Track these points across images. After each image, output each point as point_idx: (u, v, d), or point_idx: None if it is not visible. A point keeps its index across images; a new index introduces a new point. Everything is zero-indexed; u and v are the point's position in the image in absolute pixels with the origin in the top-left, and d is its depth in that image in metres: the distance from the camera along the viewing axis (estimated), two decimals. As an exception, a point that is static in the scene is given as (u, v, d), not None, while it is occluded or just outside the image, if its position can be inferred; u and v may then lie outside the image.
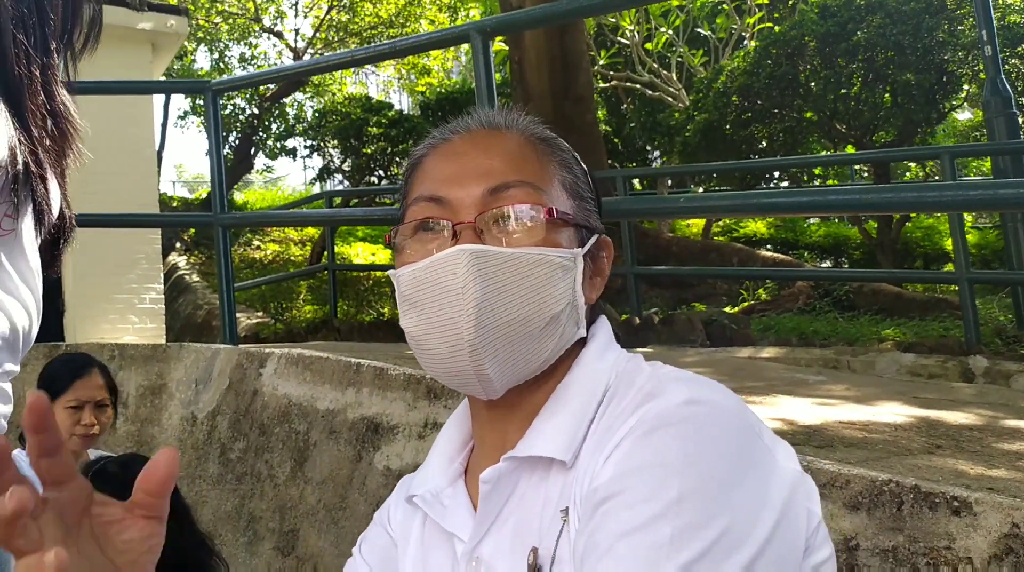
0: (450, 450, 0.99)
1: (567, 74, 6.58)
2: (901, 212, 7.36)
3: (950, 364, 5.05)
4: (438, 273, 0.84)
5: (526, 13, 4.17)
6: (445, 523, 0.91)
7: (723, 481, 0.71)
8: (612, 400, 0.84)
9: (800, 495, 0.76)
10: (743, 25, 12.66)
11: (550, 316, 0.85)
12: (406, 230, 0.91)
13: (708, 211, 4.15)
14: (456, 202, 0.88)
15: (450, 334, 0.84)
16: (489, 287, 0.83)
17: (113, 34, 7.89)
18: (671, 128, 11.34)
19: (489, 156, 0.90)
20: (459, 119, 0.97)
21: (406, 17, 15.39)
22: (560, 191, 0.91)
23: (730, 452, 0.73)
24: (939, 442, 2.67)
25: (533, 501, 0.84)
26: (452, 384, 0.89)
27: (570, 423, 0.84)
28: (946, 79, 8.85)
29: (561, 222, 0.88)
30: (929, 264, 11.23)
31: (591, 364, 0.89)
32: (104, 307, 7.50)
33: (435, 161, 0.93)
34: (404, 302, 0.89)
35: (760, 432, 0.78)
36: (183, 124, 17.78)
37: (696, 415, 0.75)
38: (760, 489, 0.73)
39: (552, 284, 0.85)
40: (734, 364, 5.06)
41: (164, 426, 3.94)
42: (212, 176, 4.77)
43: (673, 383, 0.80)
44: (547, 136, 0.96)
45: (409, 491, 0.98)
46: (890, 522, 1.87)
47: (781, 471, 0.76)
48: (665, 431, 0.74)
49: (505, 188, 0.88)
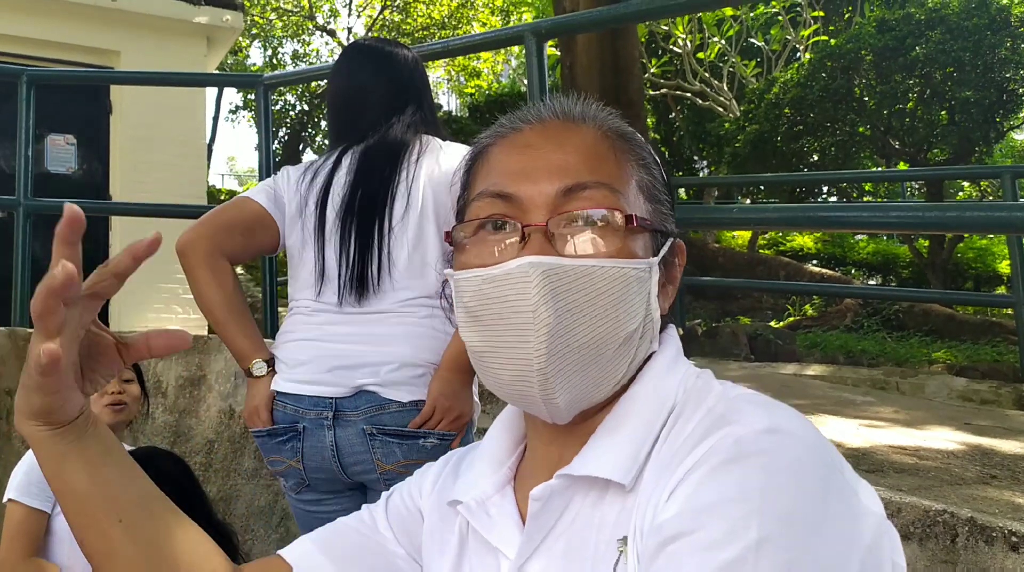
0: (500, 453, 0.91)
1: (618, 79, 6.53)
2: (965, 232, 7.19)
3: (1004, 390, 4.91)
4: (505, 289, 0.77)
5: (581, 16, 4.13)
6: (491, 536, 0.84)
7: (807, 522, 0.63)
8: (678, 420, 0.77)
9: (885, 543, 0.68)
10: (797, 37, 12.50)
11: (625, 335, 0.78)
12: (468, 228, 0.83)
13: (761, 223, 4.07)
14: (527, 201, 0.80)
15: (518, 361, 0.76)
16: (562, 309, 0.75)
17: (169, 27, 8.00)
18: (720, 138, 11.22)
19: (564, 151, 0.81)
20: (530, 107, 0.88)
21: (459, 19, 15.44)
22: (637, 194, 0.83)
23: (815, 489, 0.65)
24: (994, 472, 2.58)
25: (587, 524, 0.77)
26: (515, 405, 0.83)
27: (631, 443, 0.77)
28: (1006, 97, 8.65)
29: (639, 229, 0.80)
30: (980, 286, 10.99)
31: (657, 379, 0.81)
32: (150, 296, 7.58)
33: (503, 152, 0.85)
34: (465, 313, 0.81)
35: (842, 468, 0.70)
36: (235, 119, 18.01)
37: (777, 446, 0.67)
38: (846, 531, 0.65)
39: (628, 300, 0.78)
40: (779, 380, 4.97)
41: (202, 418, 3.95)
42: (260, 169, 4.80)
43: (749, 407, 0.72)
44: (626, 131, 0.87)
45: (452, 495, 0.90)
46: (943, 555, 1.80)
47: (866, 515, 0.68)
48: (743, 463, 0.66)
49: (581, 189, 0.79)
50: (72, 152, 7.64)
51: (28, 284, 4.63)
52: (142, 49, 7.82)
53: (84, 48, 7.72)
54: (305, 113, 14.65)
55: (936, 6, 9.12)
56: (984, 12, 8.50)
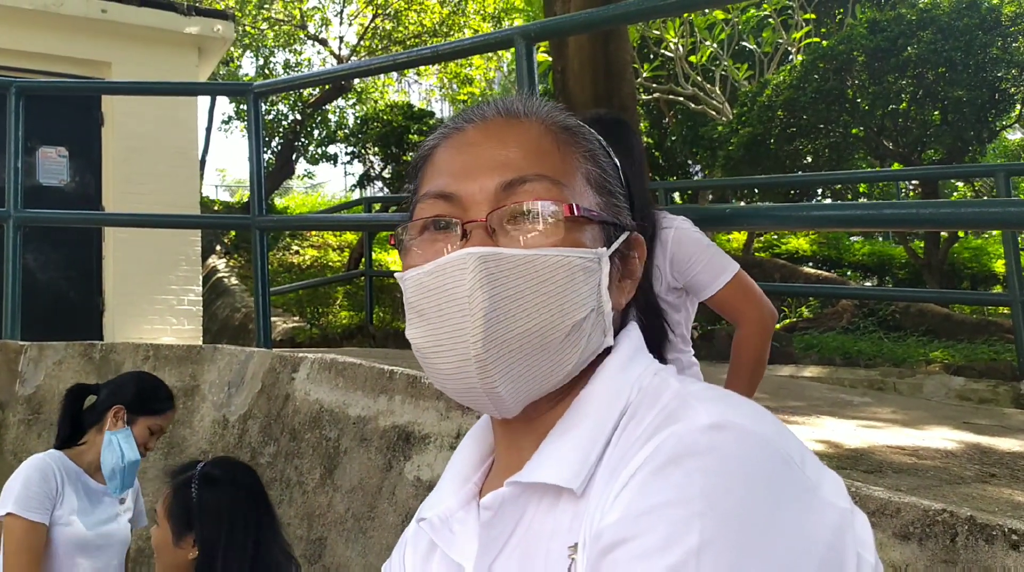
0: (465, 468, 0.89)
1: (610, 83, 6.50)
2: (961, 229, 7.19)
3: (1001, 389, 4.90)
4: (443, 279, 0.76)
5: (571, 18, 4.10)
6: (452, 551, 0.82)
7: (753, 524, 0.60)
8: (632, 420, 0.74)
9: (847, 538, 0.64)
10: (789, 40, 12.51)
11: (571, 324, 0.76)
12: (413, 229, 0.82)
13: (756, 223, 4.05)
14: (467, 198, 0.79)
15: (456, 348, 0.75)
16: (499, 294, 0.74)
17: (160, 38, 8.00)
18: (714, 142, 11.22)
19: (505, 147, 0.80)
20: (475, 107, 0.87)
21: (450, 26, 15.44)
22: (584, 186, 0.82)
23: (761, 489, 0.62)
24: (993, 471, 2.56)
25: (540, 532, 0.74)
26: (462, 401, 0.81)
27: (580, 446, 0.74)
28: (998, 97, 8.67)
29: (584, 219, 0.79)
30: (976, 285, 10.99)
31: (611, 377, 0.79)
32: (143, 307, 7.55)
33: (446, 153, 0.84)
34: (410, 310, 0.80)
35: (802, 461, 0.66)
36: (227, 129, 17.98)
37: (721, 444, 0.64)
38: (797, 532, 0.61)
39: (573, 288, 0.76)
40: (776, 382, 4.96)
41: (195, 428, 3.92)
42: (251, 179, 4.78)
43: (698, 403, 0.69)
44: (570, 124, 0.86)
45: (419, 514, 0.88)
46: (943, 554, 1.78)
47: (825, 509, 0.64)
48: (684, 464, 0.63)
49: (521, 182, 0.78)
50: (64, 164, 7.62)
51: (18, 296, 4.61)
52: (133, 60, 7.81)
53: (75, 60, 7.71)
54: (298, 123, 14.63)
55: (927, 6, 9.14)
56: (975, 12, 8.52)
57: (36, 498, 2.41)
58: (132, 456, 2.61)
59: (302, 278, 11.58)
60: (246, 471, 2.42)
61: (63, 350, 4.35)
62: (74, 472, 2.61)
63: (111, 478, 2.60)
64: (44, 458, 2.56)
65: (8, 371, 4.37)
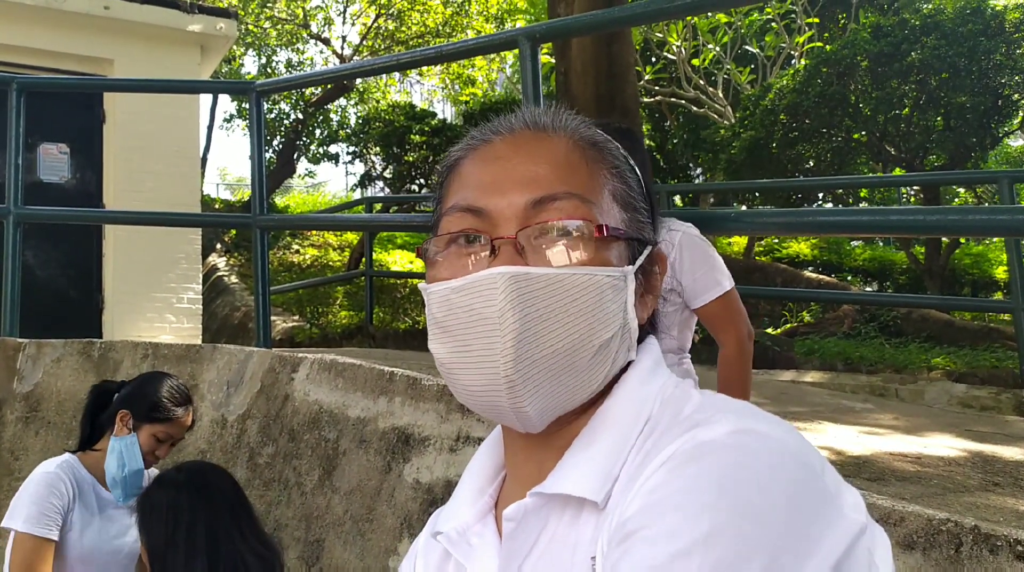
0: (480, 481, 0.89)
1: (613, 85, 6.50)
2: (967, 236, 7.17)
3: (1004, 396, 4.89)
4: (472, 297, 0.76)
5: (575, 19, 4.08)
6: (471, 565, 0.81)
7: (763, 518, 0.60)
8: (653, 432, 0.74)
9: (861, 552, 0.63)
10: (792, 44, 12.49)
11: (599, 344, 0.76)
12: (439, 242, 0.81)
13: (760, 228, 4.04)
14: (496, 214, 0.79)
15: (486, 369, 0.75)
16: (530, 315, 0.74)
17: (163, 36, 7.98)
18: (715, 145, 11.21)
19: (534, 162, 0.80)
20: (501, 118, 0.86)
21: (453, 27, 15.43)
22: (610, 203, 0.82)
23: (777, 488, 0.62)
24: (996, 479, 2.55)
25: (563, 544, 0.74)
26: (486, 416, 0.81)
27: (604, 458, 0.74)
28: (1001, 103, 8.65)
29: (611, 238, 0.79)
30: (977, 292, 10.98)
31: (633, 390, 0.79)
32: (143, 305, 7.54)
33: (474, 165, 0.83)
34: (434, 325, 0.80)
35: (822, 472, 0.66)
36: (229, 128, 17.96)
37: (740, 444, 0.64)
38: (808, 532, 0.61)
39: (601, 307, 0.76)
40: (777, 387, 4.94)
41: (194, 427, 3.90)
42: (253, 177, 4.76)
43: (720, 414, 0.69)
44: (598, 140, 0.86)
45: (435, 527, 0.88)
46: (947, 564, 1.76)
47: (840, 521, 0.63)
48: (703, 459, 0.64)
49: (551, 200, 0.78)
50: (65, 161, 7.61)
51: (17, 293, 4.59)
52: (135, 58, 7.80)
53: (77, 57, 7.70)
54: (300, 122, 14.61)
55: (931, 12, 9.12)
56: (979, 18, 8.51)
57: (47, 513, 2.36)
58: (134, 465, 2.51)
59: (302, 277, 11.57)
60: (220, 474, 2.33)
61: (62, 348, 4.34)
62: (88, 483, 2.53)
63: (113, 487, 2.52)
64: (56, 470, 2.48)
65: (6, 368, 4.35)
